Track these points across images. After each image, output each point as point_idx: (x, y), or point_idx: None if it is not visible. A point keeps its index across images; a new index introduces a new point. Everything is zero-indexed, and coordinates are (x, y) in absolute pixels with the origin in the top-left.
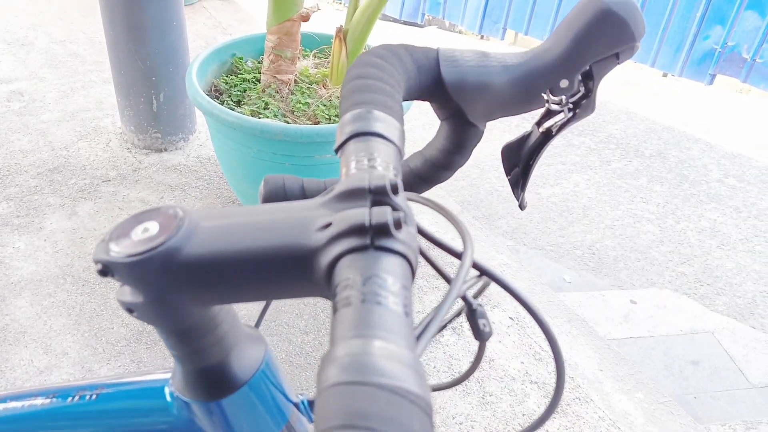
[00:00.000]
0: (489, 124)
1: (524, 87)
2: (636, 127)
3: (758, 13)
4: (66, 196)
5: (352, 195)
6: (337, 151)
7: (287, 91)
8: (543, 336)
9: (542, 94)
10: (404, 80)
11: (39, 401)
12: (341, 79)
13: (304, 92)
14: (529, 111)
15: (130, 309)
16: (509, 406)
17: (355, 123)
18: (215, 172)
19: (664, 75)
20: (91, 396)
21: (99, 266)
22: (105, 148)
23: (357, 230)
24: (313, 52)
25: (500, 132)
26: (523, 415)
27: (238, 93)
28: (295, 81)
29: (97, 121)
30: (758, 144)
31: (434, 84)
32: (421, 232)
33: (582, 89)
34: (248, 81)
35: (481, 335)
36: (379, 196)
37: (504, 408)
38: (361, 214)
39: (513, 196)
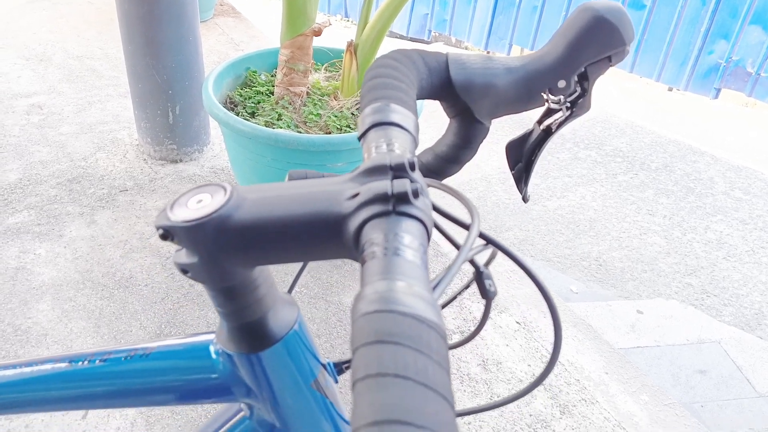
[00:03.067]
0: (493, 140)
1: (526, 87)
2: (642, 140)
3: (762, 28)
4: (85, 205)
5: (376, 171)
6: (360, 138)
7: (300, 102)
8: (549, 340)
9: (542, 94)
10: (417, 80)
11: (86, 363)
12: (352, 91)
13: (316, 104)
14: (530, 109)
15: (185, 270)
16: (516, 407)
17: (374, 114)
18: (229, 182)
19: (670, 89)
20: (141, 355)
21: (160, 231)
22: (122, 159)
23: (381, 198)
24: (324, 65)
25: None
26: (530, 415)
27: (253, 105)
28: (308, 93)
29: (114, 133)
30: (764, 157)
31: (444, 84)
32: (434, 208)
33: (578, 89)
34: (262, 93)
35: (487, 294)
36: (398, 171)
37: (511, 409)
38: (384, 185)
39: (519, 208)
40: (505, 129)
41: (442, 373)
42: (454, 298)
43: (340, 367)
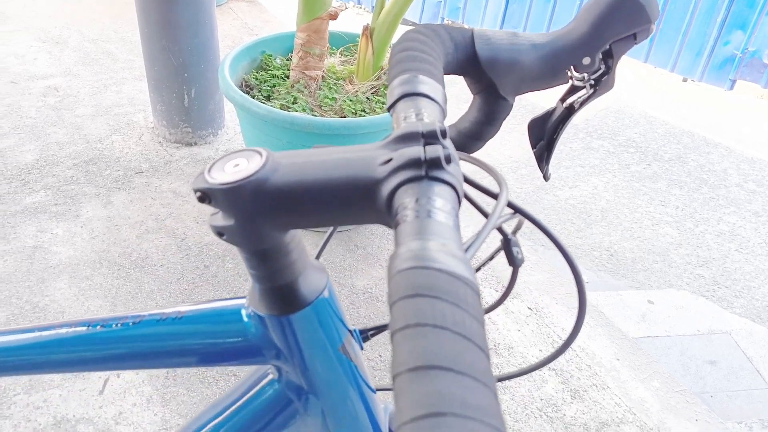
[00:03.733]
0: (505, 130)
1: (550, 64)
2: (655, 131)
3: None
4: (101, 186)
5: (408, 138)
6: (389, 110)
7: (315, 86)
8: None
9: (566, 71)
10: (443, 54)
11: (120, 325)
12: (367, 75)
13: (331, 88)
14: (554, 86)
15: (220, 233)
16: (527, 391)
17: (403, 86)
18: None
19: (684, 80)
20: (174, 318)
21: (198, 194)
22: (138, 142)
23: (414, 164)
24: (339, 50)
25: (519, 135)
26: (541, 399)
27: (268, 88)
28: (323, 77)
29: (130, 116)
30: None
31: (469, 60)
32: (464, 179)
33: (603, 67)
34: (277, 77)
35: (514, 261)
36: (430, 138)
37: (522, 393)
38: (417, 150)
39: (530, 198)
40: (517, 118)
41: (479, 326)
42: (483, 264)
43: (365, 335)
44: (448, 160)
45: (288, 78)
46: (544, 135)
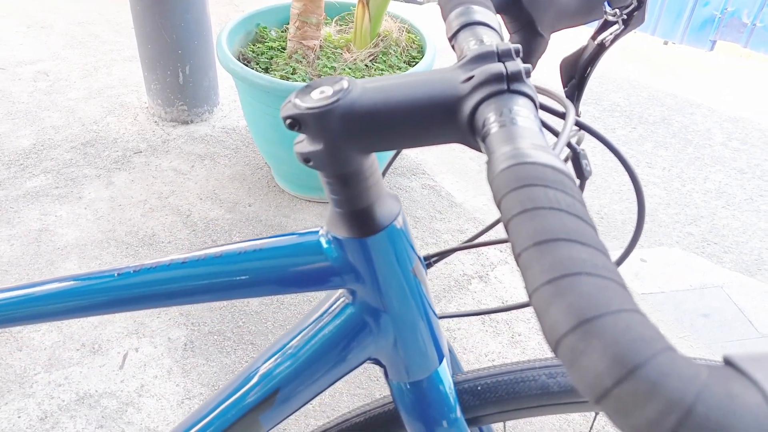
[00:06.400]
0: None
1: None
2: (639, 94)
3: None
4: (101, 167)
5: (484, 57)
6: (450, 41)
7: (313, 56)
8: None
9: (601, 5)
10: None
11: (203, 258)
12: (365, 42)
13: (329, 57)
14: (589, 22)
15: (307, 159)
16: (537, 344)
17: (460, 17)
18: (241, 141)
19: (665, 43)
20: (255, 250)
21: (288, 121)
22: (133, 122)
23: (496, 78)
24: (334, 19)
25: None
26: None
27: (266, 60)
28: (320, 46)
29: (123, 97)
30: (760, 107)
31: None
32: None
33: (635, 1)
34: (274, 49)
35: (583, 173)
36: (505, 56)
37: (533, 345)
38: (499, 66)
39: None
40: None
41: (585, 209)
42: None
43: (428, 261)
44: (528, 74)
45: (285, 50)
46: (576, 73)
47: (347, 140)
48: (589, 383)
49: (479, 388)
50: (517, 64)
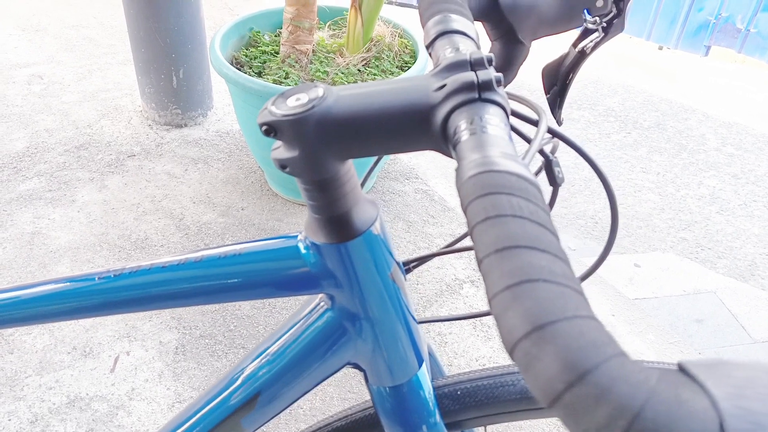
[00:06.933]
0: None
1: (567, 6)
2: (634, 99)
3: None
4: (94, 170)
5: (457, 66)
6: (427, 48)
7: (306, 60)
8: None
9: (581, 14)
10: (466, 1)
11: (182, 262)
12: (358, 47)
13: (322, 61)
14: (569, 29)
15: (284, 165)
16: None
17: (438, 25)
18: (235, 145)
19: (660, 48)
20: (234, 254)
21: (264, 128)
22: (127, 126)
23: (467, 87)
24: (327, 23)
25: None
26: None
27: (259, 64)
28: (313, 51)
29: (117, 100)
30: (754, 112)
31: (490, 4)
32: None
33: (614, 9)
34: (267, 53)
35: (555, 181)
36: (478, 65)
37: None
38: (470, 75)
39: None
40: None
41: (548, 217)
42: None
43: (408, 266)
44: (498, 82)
45: (278, 54)
46: (558, 80)
47: (322, 147)
48: (542, 388)
49: (459, 392)
50: (488, 73)
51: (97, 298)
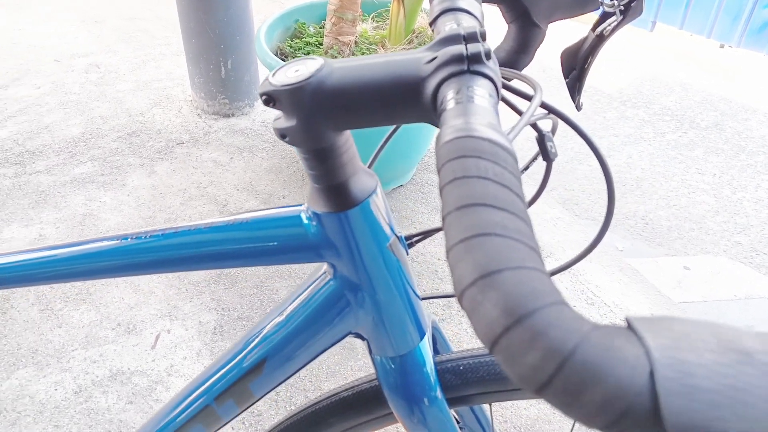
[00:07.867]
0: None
1: None
2: (691, 98)
3: None
4: (145, 156)
5: (450, 40)
6: (431, 25)
7: (348, 51)
8: (595, 283)
9: None
10: None
11: (192, 229)
12: (400, 39)
13: (364, 52)
14: (586, 12)
15: (283, 135)
16: None
17: (443, 3)
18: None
19: (722, 46)
20: (241, 222)
21: (264, 97)
22: (177, 114)
23: (456, 59)
24: (371, 15)
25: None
26: None
27: (303, 55)
28: (356, 42)
29: (169, 89)
30: None
31: None
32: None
33: None
34: (311, 44)
35: (548, 155)
36: (471, 39)
37: None
38: (460, 48)
39: (564, 168)
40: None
41: (517, 180)
42: (527, 167)
43: (410, 241)
44: (488, 55)
45: (321, 45)
46: (577, 64)
47: (319, 117)
48: (483, 332)
49: (461, 367)
50: (477, 46)
51: (113, 260)
